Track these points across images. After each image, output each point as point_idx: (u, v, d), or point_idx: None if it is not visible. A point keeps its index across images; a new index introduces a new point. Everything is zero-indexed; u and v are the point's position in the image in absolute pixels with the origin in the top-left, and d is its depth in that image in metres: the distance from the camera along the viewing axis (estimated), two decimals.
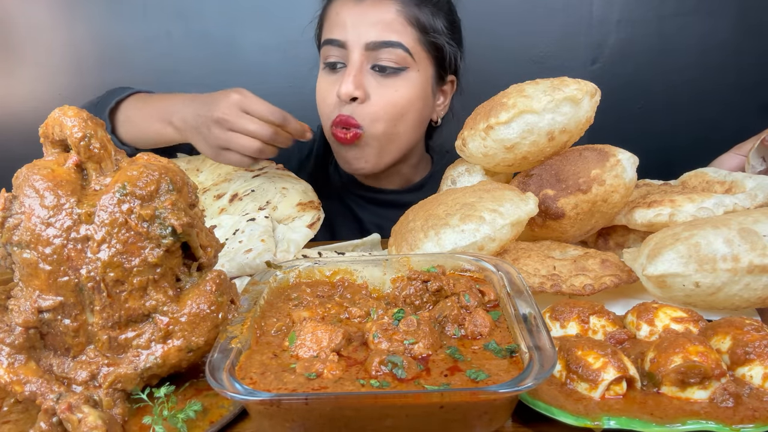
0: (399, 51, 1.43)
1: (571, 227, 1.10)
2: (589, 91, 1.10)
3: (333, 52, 1.46)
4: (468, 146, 1.16)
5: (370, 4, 1.44)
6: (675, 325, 0.81)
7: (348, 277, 0.93)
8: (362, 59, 1.43)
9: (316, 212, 1.36)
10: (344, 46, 1.44)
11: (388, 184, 1.69)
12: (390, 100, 1.45)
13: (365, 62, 1.44)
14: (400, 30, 1.44)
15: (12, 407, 0.78)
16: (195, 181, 1.48)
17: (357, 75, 1.42)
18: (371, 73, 1.45)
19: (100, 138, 0.77)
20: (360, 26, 1.43)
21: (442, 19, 1.51)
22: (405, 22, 1.44)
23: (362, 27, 1.43)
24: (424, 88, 1.51)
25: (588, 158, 1.09)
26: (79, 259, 0.73)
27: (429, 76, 1.52)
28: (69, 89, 2.23)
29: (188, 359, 0.77)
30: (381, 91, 1.44)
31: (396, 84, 1.45)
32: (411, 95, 1.47)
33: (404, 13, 1.44)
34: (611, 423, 0.67)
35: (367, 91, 1.44)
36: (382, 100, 1.44)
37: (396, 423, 0.63)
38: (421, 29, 1.46)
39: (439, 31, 1.49)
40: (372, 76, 1.45)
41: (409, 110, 1.48)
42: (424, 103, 1.52)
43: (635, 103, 2.14)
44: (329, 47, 1.47)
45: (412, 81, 1.47)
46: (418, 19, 1.46)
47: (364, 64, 1.44)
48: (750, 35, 2.05)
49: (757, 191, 1.08)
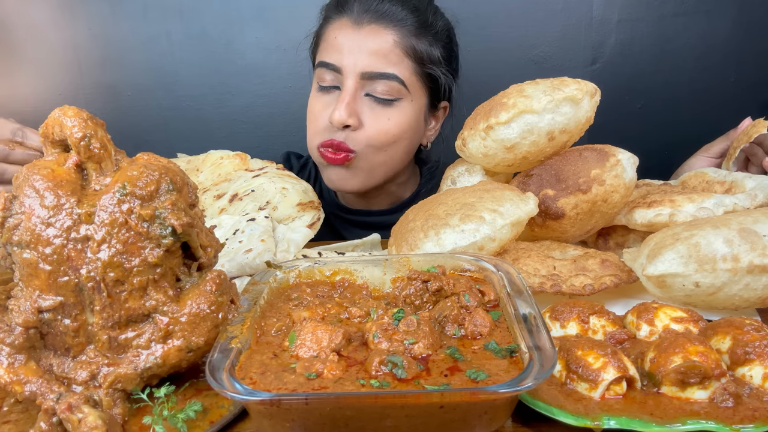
0: (394, 83, 1.43)
1: (571, 227, 1.10)
2: (589, 91, 1.10)
3: (327, 75, 1.47)
4: (468, 146, 1.17)
5: (368, 32, 1.43)
6: (675, 325, 0.82)
7: (348, 277, 0.93)
8: (356, 86, 1.43)
9: (316, 212, 1.36)
10: (339, 71, 1.44)
11: (376, 204, 1.68)
12: (382, 129, 1.45)
13: (359, 89, 1.44)
14: (396, 62, 1.43)
15: (12, 407, 0.78)
16: (195, 181, 1.48)
17: (351, 102, 1.42)
18: (365, 100, 1.45)
19: (100, 138, 0.77)
20: (356, 53, 1.42)
21: (440, 48, 1.50)
22: (402, 54, 1.44)
23: (359, 54, 1.42)
24: (416, 117, 1.51)
25: (588, 158, 1.09)
26: (79, 259, 0.73)
27: (422, 105, 1.52)
28: (69, 89, 2.23)
29: (188, 359, 0.77)
30: (374, 118, 1.44)
31: (389, 113, 1.45)
32: (403, 124, 1.48)
33: (401, 44, 1.44)
34: (611, 423, 0.67)
35: (360, 118, 1.44)
36: (375, 127, 1.45)
37: (396, 423, 0.63)
38: (418, 60, 1.46)
39: (435, 61, 1.49)
40: (365, 103, 1.45)
41: (401, 138, 1.49)
42: (415, 130, 1.53)
43: (635, 103, 2.14)
44: (324, 70, 1.47)
45: (405, 111, 1.47)
46: (415, 49, 1.45)
47: (358, 91, 1.44)
48: (749, 35, 2.05)
49: (757, 191, 1.08)
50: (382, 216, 1.67)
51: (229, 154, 1.59)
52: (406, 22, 1.45)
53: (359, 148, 1.46)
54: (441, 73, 1.51)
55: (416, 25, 1.46)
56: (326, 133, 1.47)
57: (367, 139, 1.45)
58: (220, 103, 2.23)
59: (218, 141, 2.17)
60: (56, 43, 2.20)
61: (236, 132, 2.25)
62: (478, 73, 2.13)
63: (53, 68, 2.22)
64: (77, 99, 2.23)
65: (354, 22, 1.44)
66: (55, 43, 2.20)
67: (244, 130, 2.25)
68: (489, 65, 2.11)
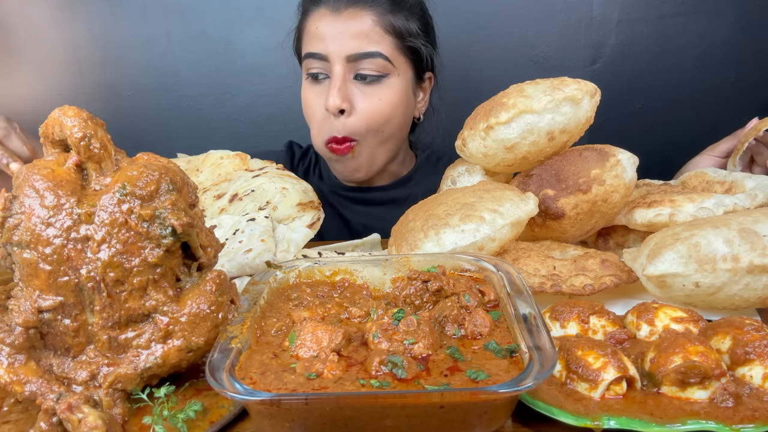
0: (379, 60, 1.49)
1: (571, 227, 1.10)
2: (589, 91, 1.10)
3: (315, 64, 1.52)
4: (468, 146, 1.16)
5: (347, 17, 1.48)
6: (675, 325, 0.82)
7: (348, 277, 0.93)
8: (344, 70, 1.49)
9: (316, 212, 1.36)
10: (326, 59, 1.49)
11: (377, 182, 1.74)
12: (375, 109, 1.51)
13: (347, 73, 1.49)
14: (378, 40, 1.49)
15: (12, 407, 0.78)
16: (195, 181, 1.48)
17: (342, 87, 1.48)
18: (354, 83, 1.50)
19: (100, 138, 0.77)
20: (339, 39, 1.48)
21: (416, 22, 1.56)
22: (382, 32, 1.49)
23: (342, 39, 1.47)
24: (405, 91, 1.57)
25: (588, 158, 1.09)
26: (79, 259, 0.73)
27: (409, 78, 1.58)
28: (69, 89, 2.23)
29: (188, 359, 0.77)
30: (365, 100, 1.50)
31: (379, 92, 1.51)
32: (394, 100, 1.53)
33: (380, 23, 1.49)
34: (611, 423, 0.67)
35: (352, 102, 1.50)
36: (368, 109, 1.50)
37: (396, 423, 0.63)
38: (398, 35, 1.52)
39: (414, 34, 1.55)
40: (355, 86, 1.50)
41: (394, 114, 1.55)
42: (406, 104, 1.59)
43: (635, 103, 2.14)
44: (311, 60, 1.52)
45: (394, 86, 1.53)
46: (393, 26, 1.51)
47: (346, 75, 1.49)
48: (749, 35, 2.05)
49: (757, 191, 1.07)
50: (381, 191, 1.72)
51: (229, 154, 1.59)
52: (380, 1, 1.50)
53: (359, 135, 1.52)
54: (421, 44, 1.57)
55: (390, 3, 1.51)
56: (326, 128, 1.53)
57: (363, 123, 1.51)
58: (220, 103, 2.23)
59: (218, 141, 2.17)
60: (56, 43, 2.20)
61: (236, 132, 2.25)
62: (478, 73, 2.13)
63: (53, 68, 2.22)
64: (77, 99, 2.23)
65: (332, 9, 1.49)
66: (55, 43, 2.20)
67: (244, 130, 2.25)
68: (489, 65, 2.11)
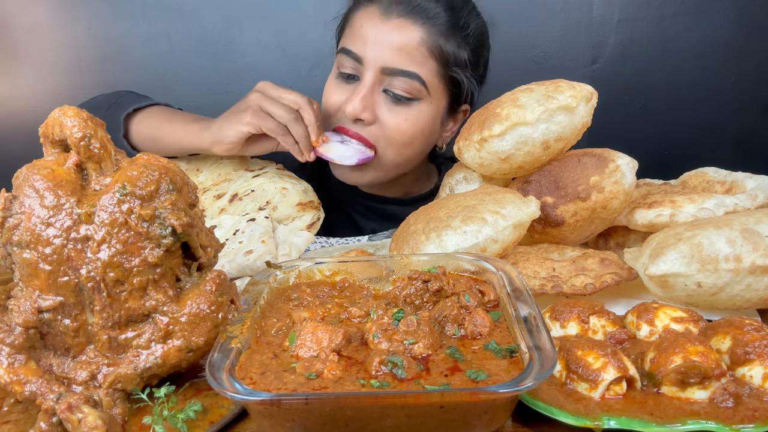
0: (415, 83, 1.38)
1: (570, 234, 1.10)
2: (585, 96, 1.08)
3: (348, 63, 1.42)
4: (463, 155, 1.16)
5: (395, 26, 1.38)
6: (675, 325, 0.81)
7: (348, 277, 0.93)
8: (375, 80, 1.39)
9: (316, 212, 1.36)
10: (360, 62, 1.40)
11: (389, 193, 1.65)
12: (398, 128, 1.41)
13: (378, 84, 1.40)
14: (420, 61, 1.38)
15: (12, 407, 0.78)
16: (195, 181, 1.49)
17: (367, 96, 1.38)
18: (382, 96, 1.41)
19: (100, 138, 0.77)
20: (380, 46, 1.37)
21: (468, 51, 1.45)
22: (427, 53, 1.38)
23: (382, 48, 1.37)
24: (434, 119, 1.46)
25: (587, 164, 1.08)
26: (79, 259, 0.73)
27: (441, 108, 1.47)
28: (69, 89, 2.23)
29: (188, 359, 0.77)
30: (390, 116, 1.40)
31: (406, 112, 1.41)
32: (420, 126, 1.43)
33: (428, 43, 1.38)
34: (611, 423, 0.67)
35: (375, 113, 1.40)
36: (391, 125, 1.41)
37: (396, 423, 0.63)
38: (443, 62, 1.41)
39: (461, 64, 1.44)
40: (383, 99, 1.40)
41: (416, 139, 1.45)
42: (431, 132, 1.49)
43: (635, 103, 2.14)
44: (345, 57, 1.42)
45: (423, 112, 1.42)
46: (441, 50, 1.40)
47: (376, 86, 1.40)
48: (750, 35, 2.05)
49: (758, 191, 1.07)
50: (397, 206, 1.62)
51: None
52: (437, 20, 1.40)
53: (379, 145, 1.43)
54: (465, 77, 1.46)
55: (447, 25, 1.40)
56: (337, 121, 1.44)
57: (382, 136, 1.42)
58: (220, 103, 2.22)
59: None
60: (56, 43, 2.20)
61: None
62: None
63: (53, 68, 2.22)
64: (77, 99, 2.21)
65: (383, 12, 1.39)
66: (55, 43, 2.20)
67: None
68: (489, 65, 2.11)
